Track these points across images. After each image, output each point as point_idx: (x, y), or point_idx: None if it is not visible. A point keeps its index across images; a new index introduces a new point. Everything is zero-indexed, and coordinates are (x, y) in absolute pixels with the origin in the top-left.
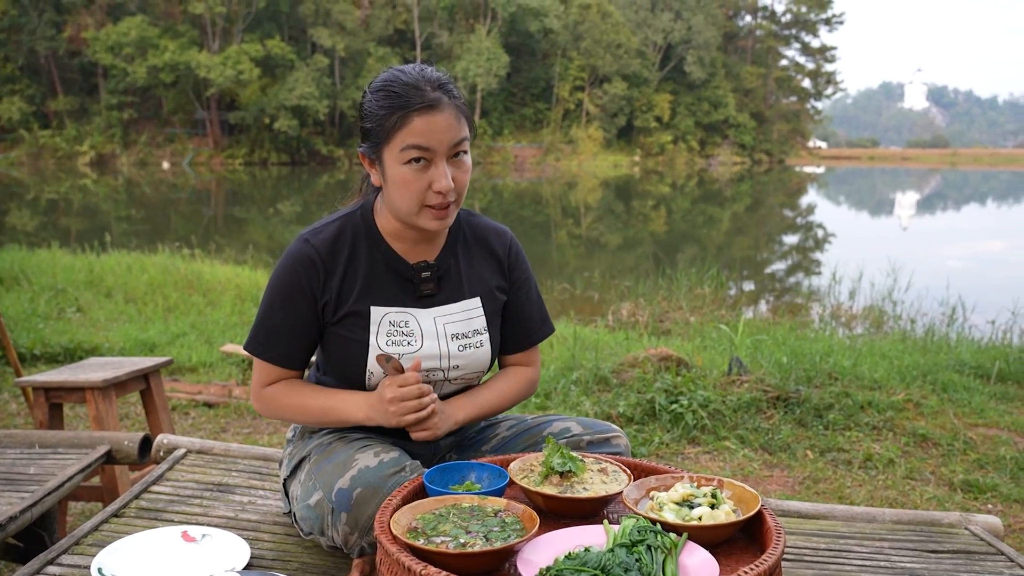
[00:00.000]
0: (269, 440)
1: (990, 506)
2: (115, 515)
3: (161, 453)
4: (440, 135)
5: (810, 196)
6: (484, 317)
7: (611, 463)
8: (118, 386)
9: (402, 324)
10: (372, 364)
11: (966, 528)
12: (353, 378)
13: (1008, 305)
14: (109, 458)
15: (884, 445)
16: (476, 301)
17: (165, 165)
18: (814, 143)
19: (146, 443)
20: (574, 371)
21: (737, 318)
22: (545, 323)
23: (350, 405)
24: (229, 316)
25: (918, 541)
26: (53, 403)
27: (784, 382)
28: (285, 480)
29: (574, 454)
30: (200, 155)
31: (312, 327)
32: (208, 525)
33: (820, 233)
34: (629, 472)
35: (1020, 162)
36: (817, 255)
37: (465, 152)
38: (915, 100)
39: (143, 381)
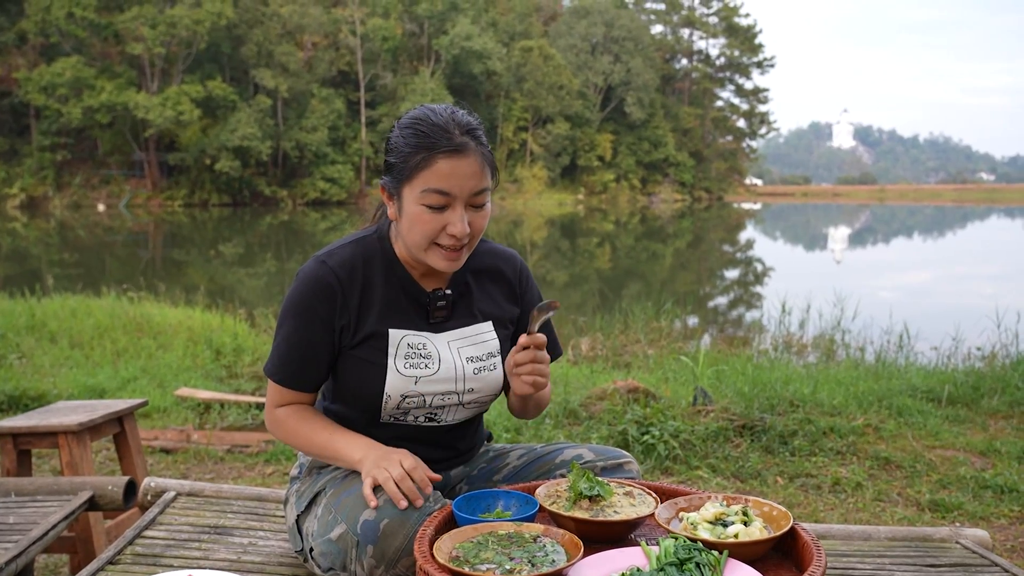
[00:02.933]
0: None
1: (957, 524)
2: (111, 562)
3: (149, 497)
4: (463, 181)
5: (748, 231)
6: (497, 340)
7: (634, 486)
8: (93, 430)
9: (420, 347)
10: (390, 386)
11: (957, 542)
12: (368, 401)
13: (949, 331)
14: (92, 504)
15: (850, 469)
16: (488, 325)
17: (100, 207)
18: (750, 180)
19: (131, 487)
20: (548, 406)
21: (695, 350)
22: (555, 346)
23: (351, 445)
24: (182, 359)
25: (916, 556)
26: (21, 450)
27: (748, 410)
28: (298, 517)
29: (600, 478)
30: (137, 197)
31: (327, 351)
32: (212, 568)
33: (759, 267)
34: (653, 494)
35: (942, 197)
36: (759, 288)
37: (486, 202)
38: (843, 139)
39: (117, 424)
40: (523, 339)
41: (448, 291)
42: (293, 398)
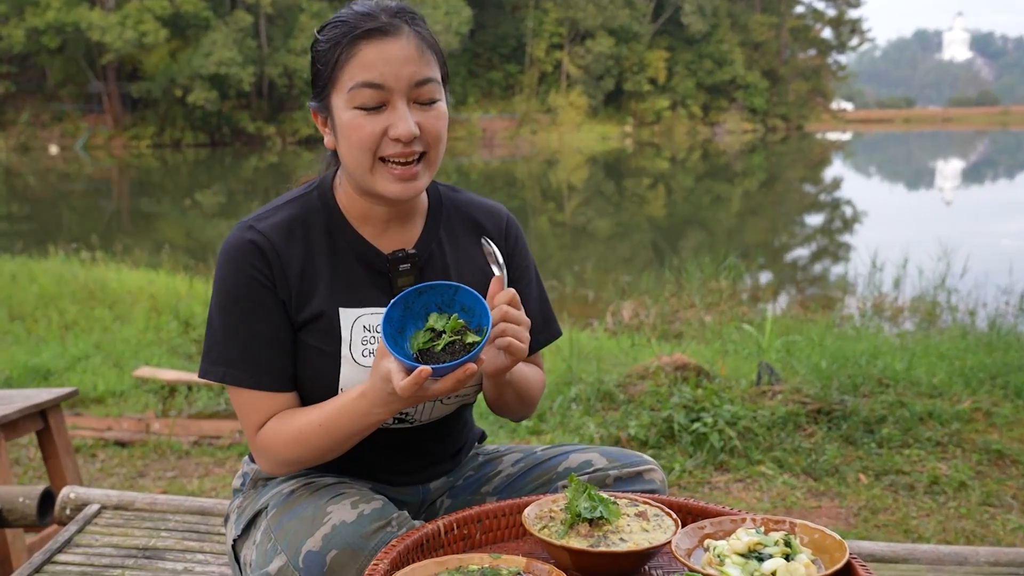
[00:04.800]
0: (200, 485)
1: None
2: None
3: (68, 511)
4: (396, 67)
5: (835, 168)
6: None
7: (650, 504)
8: (7, 427)
9: (378, 328)
10: (345, 380)
11: None
12: (320, 399)
13: None
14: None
15: (952, 465)
16: None
17: (53, 150)
18: (838, 104)
19: (47, 499)
20: (572, 386)
21: (762, 316)
22: (549, 324)
23: (351, 395)
24: (143, 333)
25: None
26: None
27: (825, 391)
28: (235, 541)
29: (604, 495)
30: (97, 136)
31: (288, 329)
32: None
33: (847, 212)
34: (673, 515)
35: None
36: (847, 237)
37: (437, 99)
38: (956, 50)
39: (39, 419)
40: (493, 284)
41: (413, 251)
42: (274, 405)
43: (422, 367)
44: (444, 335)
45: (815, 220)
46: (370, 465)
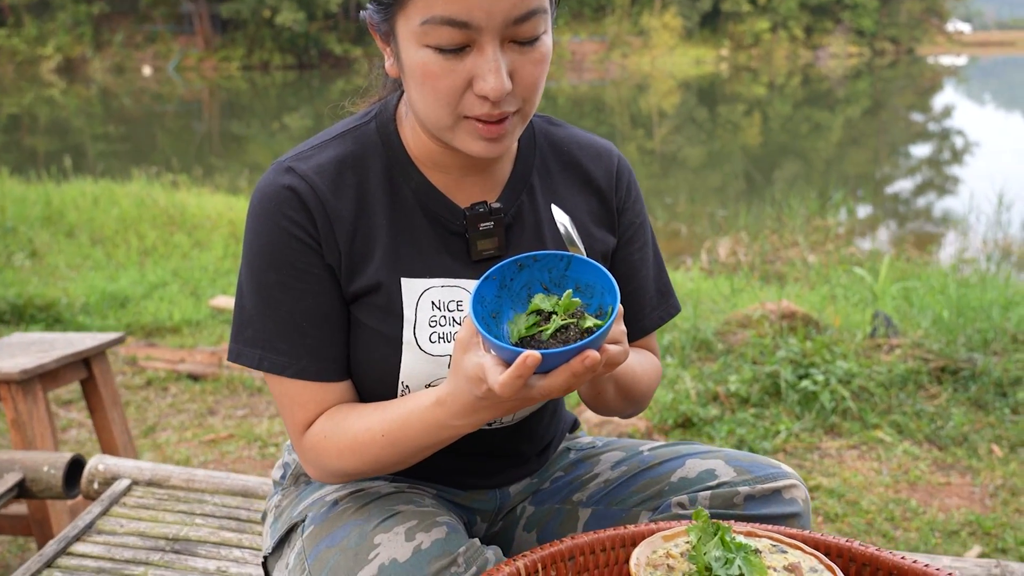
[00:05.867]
0: (269, 427)
1: None
2: None
3: (96, 484)
4: (487, 2)
5: (947, 94)
6: None
7: (802, 548)
8: (47, 377)
9: (452, 306)
10: (408, 371)
11: None
12: (375, 391)
13: None
14: (22, 490)
15: None
16: None
17: (146, 71)
18: (954, 26)
19: (76, 467)
20: (666, 333)
21: (873, 258)
22: (666, 297)
23: (423, 400)
24: (220, 261)
25: None
26: None
27: (950, 347)
28: (265, 559)
29: (742, 538)
30: (188, 58)
31: (339, 302)
32: None
33: (960, 143)
34: (837, 571)
35: None
36: (963, 172)
37: (540, 34)
38: None
39: (83, 368)
40: None
41: (498, 205)
42: (325, 399)
43: (528, 352)
44: (555, 317)
45: (924, 151)
46: (437, 467)
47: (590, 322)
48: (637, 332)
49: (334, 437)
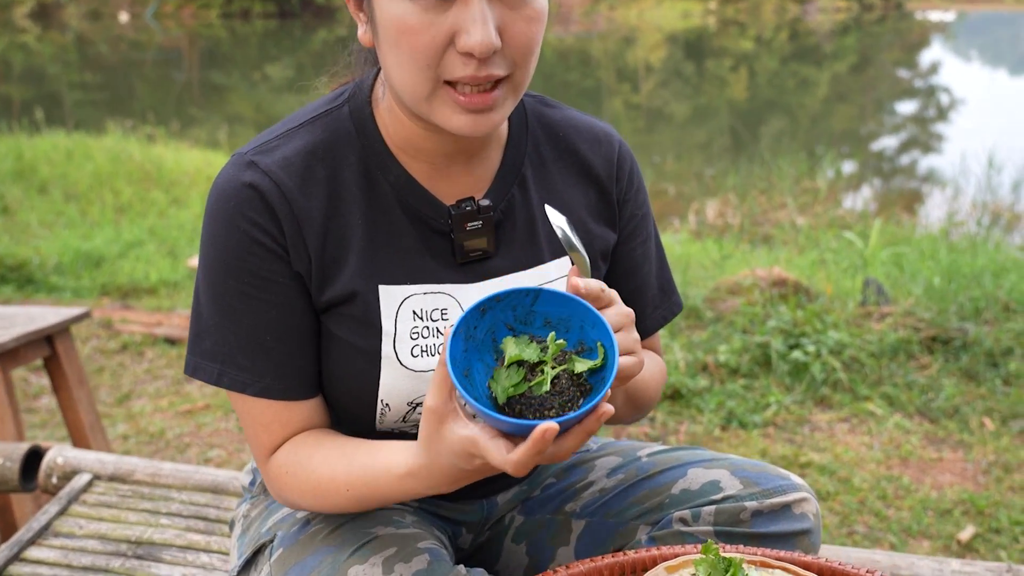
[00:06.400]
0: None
1: None
2: None
3: (54, 479)
4: None
5: (933, 51)
6: None
7: None
8: (5, 356)
9: (436, 315)
10: (388, 388)
11: None
12: (352, 409)
13: None
14: None
15: None
16: (562, 263)
17: (123, 17)
18: None
19: (35, 457)
20: None
21: (863, 222)
22: (668, 295)
23: (393, 468)
24: (198, 219)
25: None
26: None
27: (942, 316)
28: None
29: (755, 575)
30: (166, 4)
31: (307, 313)
32: None
33: (945, 99)
34: None
35: None
36: (951, 131)
37: None
38: None
39: (45, 346)
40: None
41: (487, 202)
42: (292, 417)
43: (546, 425)
44: (546, 368)
45: (911, 108)
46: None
47: (581, 365)
48: (639, 333)
49: (297, 476)
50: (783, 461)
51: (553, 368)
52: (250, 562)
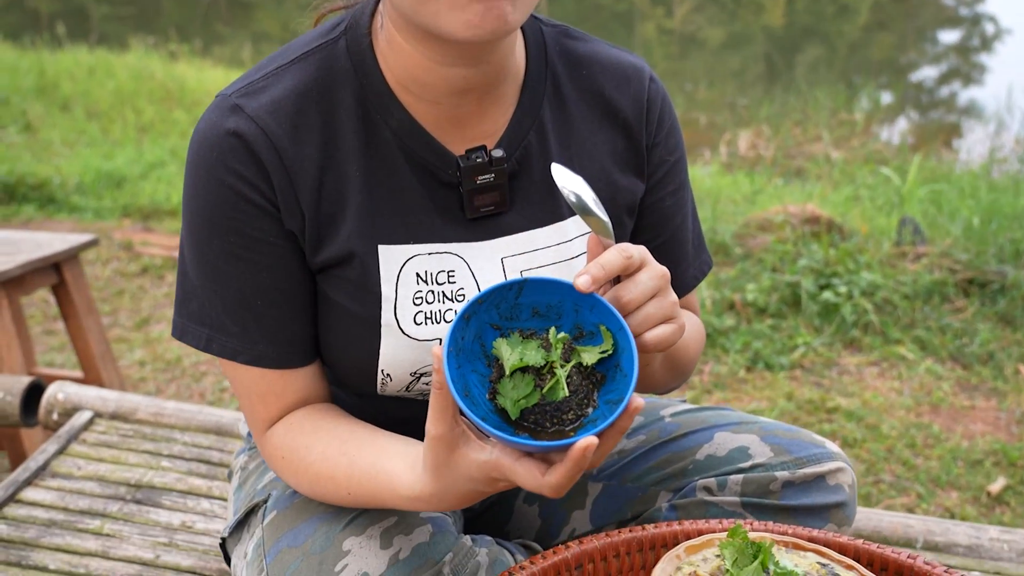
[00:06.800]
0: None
1: None
2: None
3: (55, 415)
4: None
5: None
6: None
7: (860, 572)
8: (11, 284)
9: (441, 277)
10: (389, 359)
11: None
12: (350, 377)
13: None
14: None
15: None
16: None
17: None
18: None
19: (35, 392)
20: None
21: (901, 156)
22: (700, 251)
23: (396, 487)
24: None
25: None
26: None
27: (979, 258)
28: (223, 540)
29: (787, 560)
30: None
31: (302, 271)
32: None
33: (990, 29)
34: None
35: None
36: (987, 59)
37: None
38: None
39: (53, 273)
40: (592, 244)
41: (500, 153)
42: (288, 385)
43: (586, 442)
44: (550, 368)
45: (954, 37)
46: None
47: (589, 355)
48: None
49: (294, 464)
50: (809, 405)
51: (563, 367)
52: (243, 522)
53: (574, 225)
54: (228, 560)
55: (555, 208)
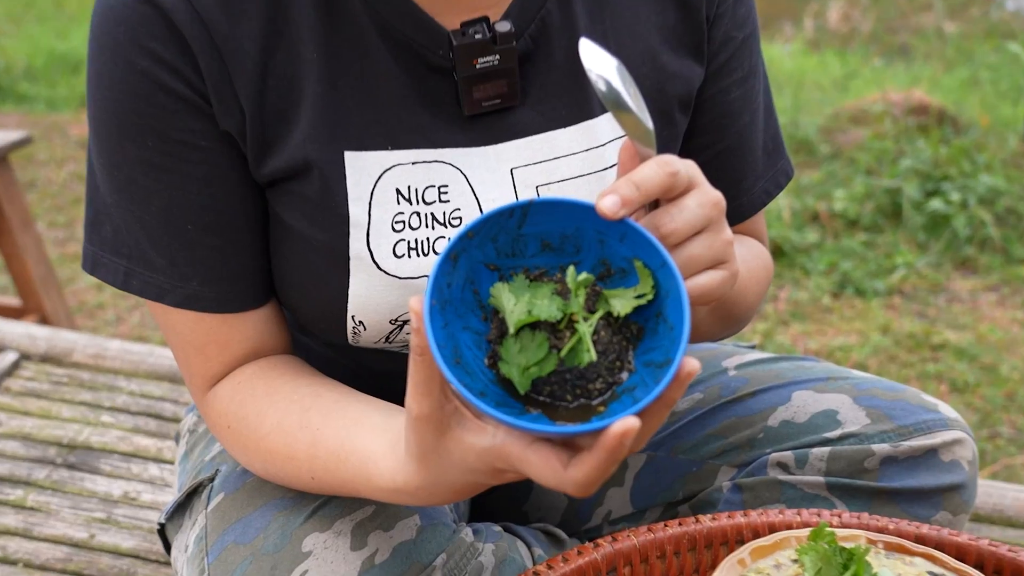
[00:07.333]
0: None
1: None
2: None
3: None
4: None
5: None
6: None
7: None
8: None
9: (431, 195)
10: (359, 303)
11: None
12: (320, 327)
13: None
14: None
15: None
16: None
17: None
18: None
19: None
20: None
21: None
22: (775, 158)
23: (375, 476)
24: None
25: None
26: None
27: None
28: (162, 526)
29: (887, 572)
30: None
31: (244, 184)
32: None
33: None
34: None
35: None
36: None
37: None
38: None
39: None
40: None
41: (507, 26)
42: (232, 334)
43: (623, 426)
44: (569, 322)
45: None
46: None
47: (622, 303)
48: (735, 214)
49: (244, 436)
50: (910, 341)
51: (587, 320)
52: (184, 504)
53: (609, 125)
54: (168, 549)
55: (583, 102)
